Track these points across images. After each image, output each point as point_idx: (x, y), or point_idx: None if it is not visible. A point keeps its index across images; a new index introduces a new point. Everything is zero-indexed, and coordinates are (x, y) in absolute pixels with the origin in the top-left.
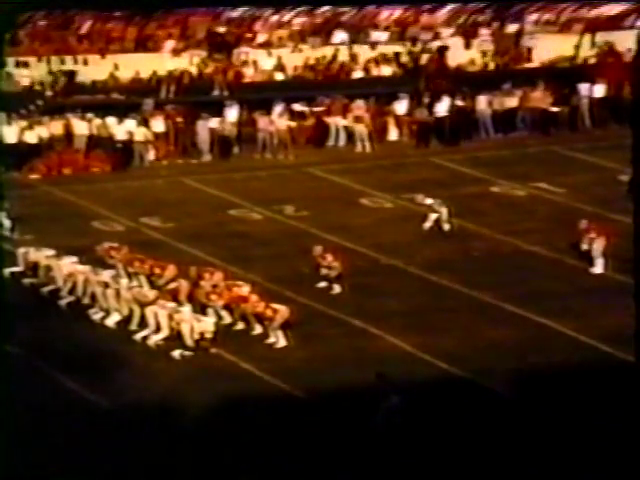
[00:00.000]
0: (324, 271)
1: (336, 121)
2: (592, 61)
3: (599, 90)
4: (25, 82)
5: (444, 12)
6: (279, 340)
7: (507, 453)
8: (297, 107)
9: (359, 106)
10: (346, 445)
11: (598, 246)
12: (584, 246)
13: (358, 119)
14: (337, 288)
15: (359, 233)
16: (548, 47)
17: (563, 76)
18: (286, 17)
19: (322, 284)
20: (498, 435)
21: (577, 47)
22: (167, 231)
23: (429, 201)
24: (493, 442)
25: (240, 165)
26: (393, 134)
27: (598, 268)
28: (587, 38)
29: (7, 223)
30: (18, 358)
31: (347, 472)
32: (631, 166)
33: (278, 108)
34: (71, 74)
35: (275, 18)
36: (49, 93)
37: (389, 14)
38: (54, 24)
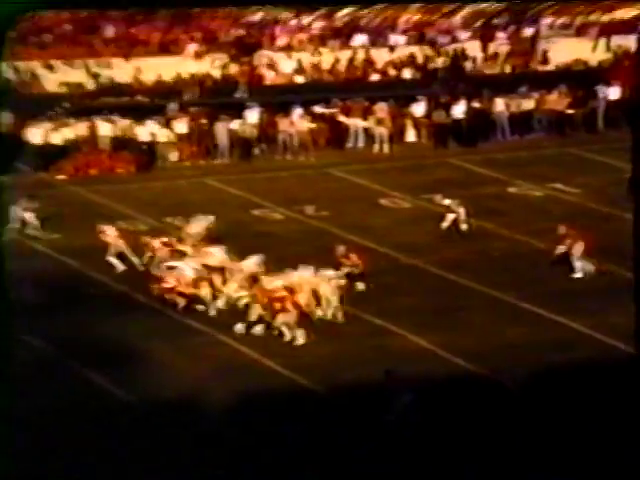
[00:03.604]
0: (345, 270)
1: (356, 123)
2: (608, 64)
3: (614, 92)
4: (51, 85)
5: (461, 15)
6: (298, 338)
7: (523, 450)
8: (317, 109)
9: (381, 108)
10: (365, 440)
11: (576, 251)
12: (561, 250)
13: (380, 121)
14: (360, 286)
15: (378, 233)
16: (564, 50)
17: (579, 79)
18: (305, 21)
19: None
20: (515, 432)
21: (594, 50)
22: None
23: (447, 201)
24: (509, 439)
25: (262, 166)
26: (411, 136)
27: (579, 273)
28: (602, 42)
29: (36, 223)
30: (45, 353)
31: (366, 467)
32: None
33: (298, 110)
34: (96, 77)
35: (294, 22)
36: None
37: (408, 18)
38: (80, 28)
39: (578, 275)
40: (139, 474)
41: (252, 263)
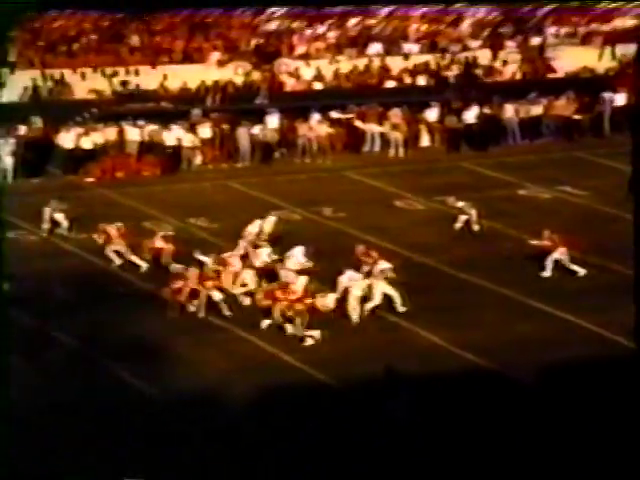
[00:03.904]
0: (366, 268)
1: (372, 128)
2: (613, 72)
3: (620, 99)
4: (81, 91)
5: (467, 24)
6: (314, 335)
7: (531, 444)
8: (334, 114)
9: (396, 114)
10: (378, 434)
11: (556, 254)
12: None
13: (395, 126)
14: None
15: (393, 233)
16: (571, 58)
17: (586, 86)
18: (320, 30)
19: None
20: (523, 426)
21: (600, 58)
22: (213, 231)
23: (460, 203)
24: (518, 433)
25: (281, 169)
26: (425, 140)
27: (547, 272)
28: (608, 50)
29: (66, 224)
30: (74, 349)
31: (381, 460)
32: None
33: (316, 115)
34: (124, 84)
35: (310, 31)
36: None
37: (418, 26)
38: (107, 37)
39: (547, 274)
40: (160, 466)
41: (300, 255)
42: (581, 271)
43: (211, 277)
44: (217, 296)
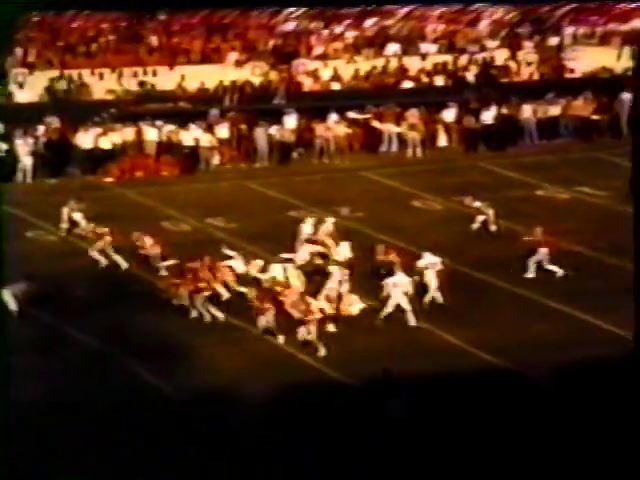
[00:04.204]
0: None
1: (389, 128)
2: (632, 72)
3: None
4: (99, 92)
5: (485, 24)
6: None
7: (546, 443)
8: (351, 115)
9: (413, 114)
10: (393, 433)
11: (538, 255)
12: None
13: (412, 126)
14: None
15: (410, 233)
16: (589, 58)
17: (604, 86)
18: (337, 30)
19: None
20: (538, 425)
21: (618, 59)
22: (230, 231)
23: (477, 203)
24: (533, 432)
25: (299, 169)
26: (443, 140)
27: (530, 273)
28: (627, 50)
29: (84, 223)
30: (92, 348)
31: (396, 459)
32: None
33: (334, 116)
34: (141, 84)
35: (327, 32)
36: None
37: (435, 26)
38: (126, 37)
39: (530, 276)
40: (179, 463)
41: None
42: (559, 271)
43: (275, 291)
44: (224, 294)
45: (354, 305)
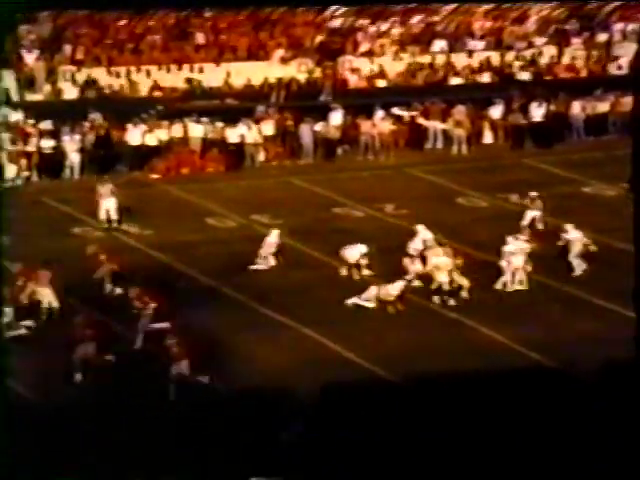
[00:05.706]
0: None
1: (435, 125)
2: None
3: None
4: (146, 89)
5: (533, 20)
6: None
7: (593, 441)
8: (396, 111)
9: (460, 111)
10: (439, 429)
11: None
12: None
13: (458, 123)
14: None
15: (455, 230)
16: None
17: None
18: (383, 27)
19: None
20: (585, 423)
21: None
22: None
23: (527, 200)
24: (580, 430)
25: (344, 166)
26: (488, 137)
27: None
28: None
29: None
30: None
31: (442, 456)
32: None
33: (380, 112)
34: (188, 81)
35: (374, 29)
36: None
37: (482, 23)
38: (173, 35)
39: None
40: (223, 459)
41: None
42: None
43: None
44: None
45: (395, 284)
